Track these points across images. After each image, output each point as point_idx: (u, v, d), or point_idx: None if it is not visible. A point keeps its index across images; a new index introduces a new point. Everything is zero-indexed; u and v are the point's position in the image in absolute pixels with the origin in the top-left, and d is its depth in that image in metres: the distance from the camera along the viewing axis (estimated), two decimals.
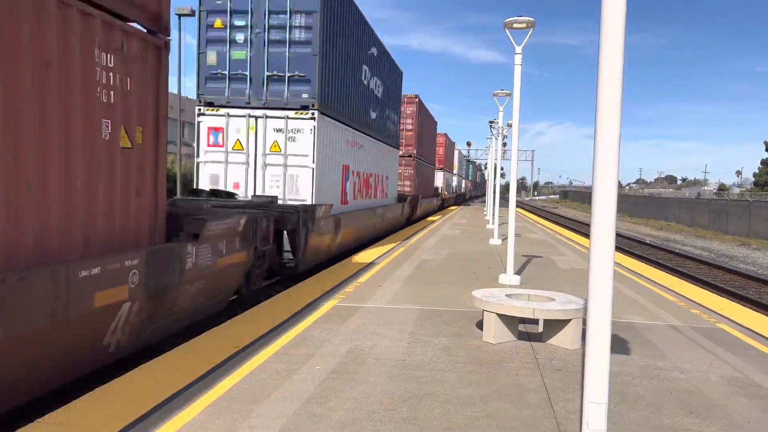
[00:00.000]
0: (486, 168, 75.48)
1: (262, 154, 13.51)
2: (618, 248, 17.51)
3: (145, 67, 6.34)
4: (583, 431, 3.21)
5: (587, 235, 29.24)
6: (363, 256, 14.57)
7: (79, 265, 5.19)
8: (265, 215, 9.70)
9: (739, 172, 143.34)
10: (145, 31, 6.38)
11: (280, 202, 12.80)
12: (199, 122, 13.71)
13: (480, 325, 7.60)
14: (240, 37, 13.59)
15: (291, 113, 13.38)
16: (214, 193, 12.28)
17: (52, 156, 5.07)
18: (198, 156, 13.74)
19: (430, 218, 31.36)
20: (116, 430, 4.30)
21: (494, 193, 23.34)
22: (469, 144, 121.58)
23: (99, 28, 5.57)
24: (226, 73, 13.57)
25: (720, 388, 5.64)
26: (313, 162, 13.48)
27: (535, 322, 7.56)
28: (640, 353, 6.76)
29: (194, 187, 13.62)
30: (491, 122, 24.52)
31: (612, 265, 3.19)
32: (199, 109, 13.67)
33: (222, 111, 13.57)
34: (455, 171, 59.91)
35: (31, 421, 4.44)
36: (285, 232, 11.10)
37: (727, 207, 42.75)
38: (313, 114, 13.31)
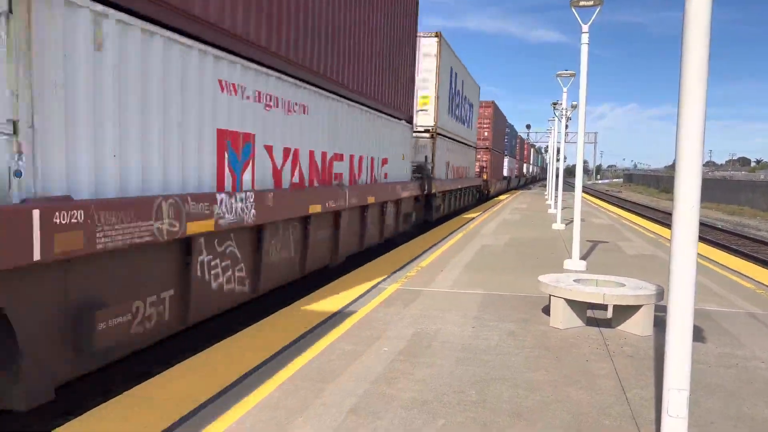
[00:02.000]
0: (546, 151, 73.80)
1: None
2: None
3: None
4: (663, 417, 3.15)
5: (655, 221, 28.26)
6: None
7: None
8: None
9: None
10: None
11: None
12: None
13: (546, 310, 7.52)
14: None
15: None
16: None
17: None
18: None
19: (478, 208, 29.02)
20: (197, 404, 4.52)
21: (557, 176, 22.86)
22: (528, 126, 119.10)
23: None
24: None
25: None
26: None
27: (604, 308, 7.42)
28: (716, 341, 6.53)
29: None
30: (554, 104, 23.92)
31: (695, 251, 3.11)
32: None
33: None
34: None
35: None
36: None
37: None
38: None
